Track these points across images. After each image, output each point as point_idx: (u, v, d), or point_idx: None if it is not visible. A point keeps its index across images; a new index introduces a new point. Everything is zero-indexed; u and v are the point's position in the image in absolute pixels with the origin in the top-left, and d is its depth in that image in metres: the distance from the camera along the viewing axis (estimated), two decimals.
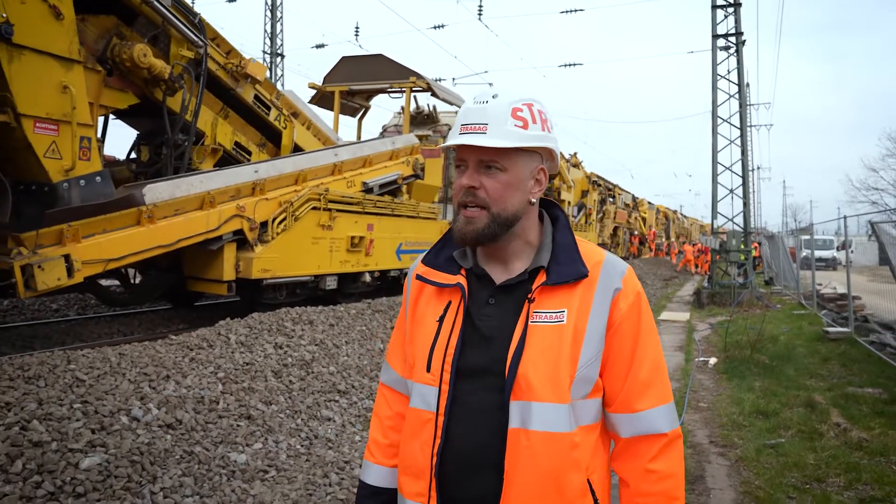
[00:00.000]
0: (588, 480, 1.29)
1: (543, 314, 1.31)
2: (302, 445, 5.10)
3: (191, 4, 7.31)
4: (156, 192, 5.95)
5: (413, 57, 17.32)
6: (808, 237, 18.23)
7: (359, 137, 13.11)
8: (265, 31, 23.23)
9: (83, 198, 5.33)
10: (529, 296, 1.32)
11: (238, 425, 5.02)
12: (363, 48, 32.55)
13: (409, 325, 1.48)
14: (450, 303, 1.38)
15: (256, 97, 7.97)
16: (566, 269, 1.33)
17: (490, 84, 23.75)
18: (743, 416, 5.66)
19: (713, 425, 5.57)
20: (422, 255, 1.52)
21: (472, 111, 1.34)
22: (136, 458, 4.12)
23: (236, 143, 7.89)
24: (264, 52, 23.14)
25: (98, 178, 5.49)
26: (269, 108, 8.19)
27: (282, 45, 23.28)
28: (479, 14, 19.93)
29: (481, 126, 1.31)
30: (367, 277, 9.32)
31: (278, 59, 23.17)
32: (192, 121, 7.00)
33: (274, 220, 7.23)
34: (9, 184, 4.92)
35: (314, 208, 7.79)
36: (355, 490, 4.33)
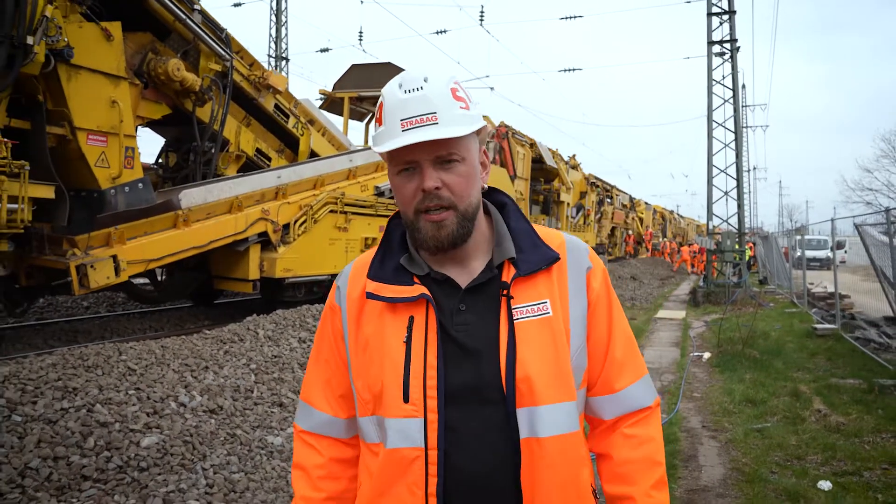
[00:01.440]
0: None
1: (525, 308, 1.19)
2: None
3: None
4: (190, 197, 6.42)
5: (416, 61, 17.84)
6: (801, 237, 18.78)
7: (366, 141, 13.58)
8: (270, 34, 23.70)
9: (128, 203, 5.80)
10: (505, 292, 1.19)
11: (272, 412, 5.50)
12: (367, 52, 32.94)
13: (355, 354, 1.26)
14: (412, 318, 1.19)
15: (276, 106, 8.44)
16: (534, 257, 1.22)
17: (492, 89, 24.14)
18: (733, 405, 6.15)
19: (706, 412, 6.07)
20: (347, 270, 1.33)
21: (411, 101, 1.14)
22: (188, 438, 4.60)
23: (258, 150, 8.36)
24: (269, 56, 23.61)
25: (140, 185, 5.96)
26: (287, 117, 8.66)
27: (286, 48, 23.76)
28: (481, 20, 20.42)
29: (429, 117, 1.13)
30: None
31: (283, 62, 23.63)
32: (219, 129, 7.47)
33: (295, 222, 7.70)
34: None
35: (332, 211, 8.27)
36: None
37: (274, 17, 23.59)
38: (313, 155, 9.20)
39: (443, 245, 1.19)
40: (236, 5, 23.00)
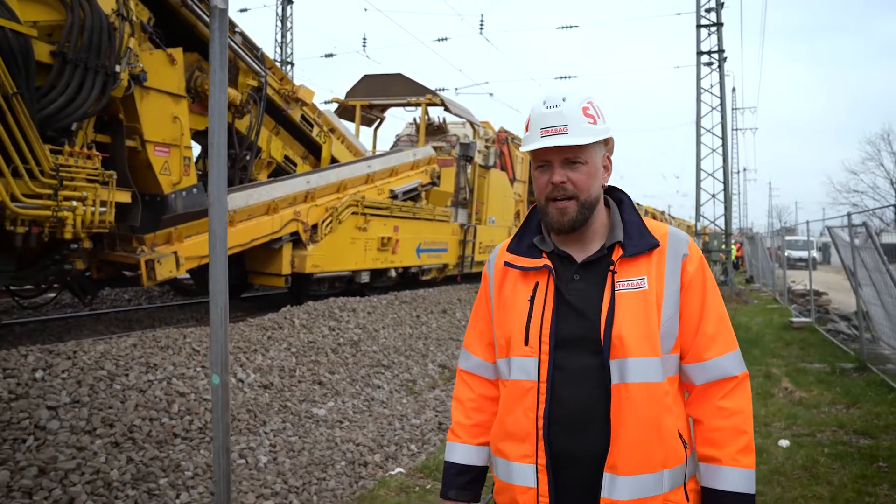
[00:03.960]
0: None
1: (626, 282, 1.46)
2: (363, 405, 6.41)
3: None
4: (235, 200, 7.22)
5: (417, 68, 18.60)
6: (789, 238, 19.77)
7: (374, 146, 14.41)
8: (275, 40, 24.45)
9: (185, 206, 6.60)
10: (612, 268, 1.47)
11: (313, 388, 6.33)
12: (370, 58, 34.12)
13: (496, 310, 1.60)
14: (537, 283, 1.52)
15: (303, 116, 9.25)
16: (639, 242, 1.49)
17: (491, 94, 25.02)
18: None
19: None
20: (498, 247, 1.68)
21: (549, 115, 1.47)
22: (250, 408, 5.43)
23: (286, 157, 9.18)
24: (274, 60, 24.32)
25: (195, 190, 6.75)
26: (312, 126, 9.47)
27: (291, 53, 24.51)
28: (481, 28, 21.26)
29: (562, 128, 1.45)
30: (393, 273, 10.62)
31: (288, 67, 24.37)
32: (255, 139, 8.27)
33: (322, 222, 8.52)
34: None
35: (353, 213, 9.09)
36: (416, 432, 5.67)
37: (279, 23, 24.36)
38: (334, 161, 10.01)
39: (564, 228, 1.50)
40: (242, 10, 23.74)
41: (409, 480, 4.48)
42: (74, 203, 5.04)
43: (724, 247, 17.95)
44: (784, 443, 4.94)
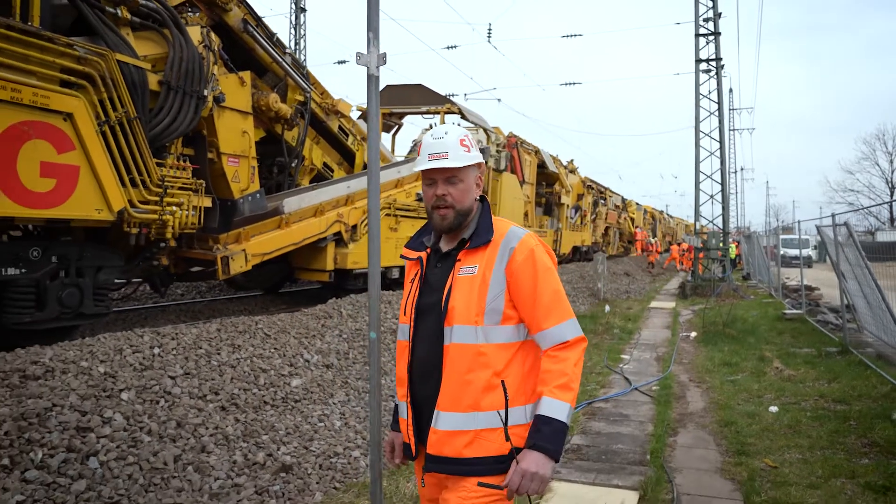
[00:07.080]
0: (502, 381, 1.84)
1: (464, 269, 1.90)
2: None
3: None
4: (290, 204, 8.13)
5: (428, 74, 19.47)
6: (784, 237, 20.70)
7: (392, 151, 15.31)
8: (289, 47, 25.33)
9: (251, 209, 7.51)
10: (458, 257, 1.93)
11: (366, 368, 7.24)
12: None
13: (403, 290, 2.12)
14: (418, 270, 2.02)
15: (340, 127, 10.16)
16: (480, 239, 1.92)
17: (499, 100, 25.99)
18: (713, 366, 7.96)
19: (692, 372, 7.88)
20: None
21: (435, 144, 1.93)
22: (319, 382, 6.35)
23: (324, 164, 10.08)
24: None
25: (258, 195, 7.67)
26: (347, 135, 10.38)
27: (305, 60, 25.39)
28: (489, 36, 22.19)
29: (444, 154, 1.90)
30: None
31: None
32: (300, 148, 9.19)
33: (361, 223, 9.43)
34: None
35: (387, 215, 10.01)
36: None
37: (293, 30, 25.26)
38: (366, 167, 10.90)
39: (443, 229, 1.98)
40: None
41: None
42: (174, 208, 5.96)
43: (721, 245, 18.90)
44: (773, 409, 5.88)
